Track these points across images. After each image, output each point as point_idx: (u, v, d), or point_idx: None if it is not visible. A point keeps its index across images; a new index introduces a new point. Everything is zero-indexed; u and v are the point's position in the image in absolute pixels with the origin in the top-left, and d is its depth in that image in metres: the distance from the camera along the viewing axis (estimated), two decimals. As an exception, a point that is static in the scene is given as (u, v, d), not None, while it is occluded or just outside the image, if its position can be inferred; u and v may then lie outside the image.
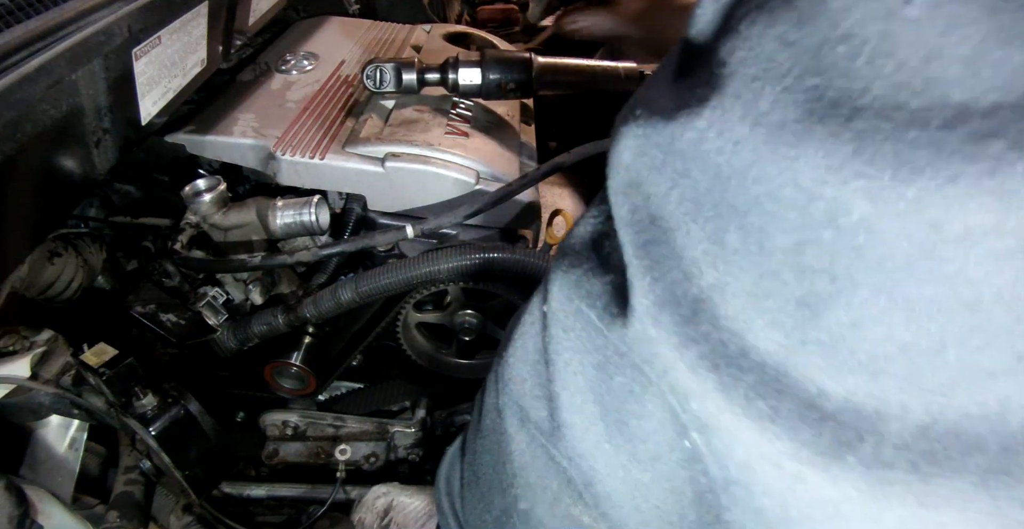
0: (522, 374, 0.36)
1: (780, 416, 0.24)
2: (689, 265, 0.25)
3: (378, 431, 1.06)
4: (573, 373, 0.32)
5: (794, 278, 0.23)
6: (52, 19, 0.62)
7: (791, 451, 0.24)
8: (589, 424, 0.32)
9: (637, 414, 0.30)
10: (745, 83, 0.24)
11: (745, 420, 0.24)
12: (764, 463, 0.25)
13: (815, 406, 0.24)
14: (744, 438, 0.25)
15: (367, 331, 1.09)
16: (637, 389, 0.29)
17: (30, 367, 0.71)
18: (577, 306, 0.31)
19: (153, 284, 0.96)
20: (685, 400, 0.26)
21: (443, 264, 0.91)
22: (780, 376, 0.24)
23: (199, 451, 0.77)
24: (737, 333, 0.25)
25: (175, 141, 1.01)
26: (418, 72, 1.07)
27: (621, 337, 0.29)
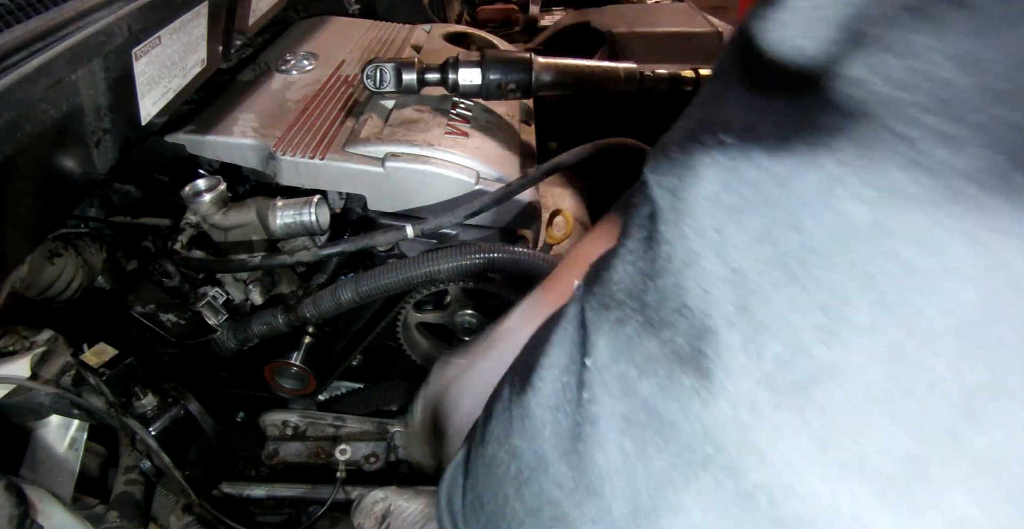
0: (544, 421, 0.32)
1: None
2: (792, 339, 0.20)
3: (378, 431, 1.06)
4: (612, 442, 0.28)
5: (952, 371, 0.18)
6: (52, 19, 0.62)
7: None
8: (618, 499, 0.29)
9: (673, 506, 0.25)
10: (904, 114, 0.18)
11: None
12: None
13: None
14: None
15: (367, 331, 1.09)
16: (679, 477, 0.25)
17: (30, 367, 0.71)
18: (630, 372, 0.27)
19: (153, 284, 0.96)
20: (778, 495, 0.21)
21: (443, 264, 0.91)
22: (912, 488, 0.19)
23: (199, 451, 0.77)
24: (856, 425, 0.20)
25: (175, 141, 1.01)
26: (418, 72, 1.07)
27: (694, 417, 0.24)
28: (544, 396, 0.32)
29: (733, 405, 0.22)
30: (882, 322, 0.18)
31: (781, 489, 0.21)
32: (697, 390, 0.23)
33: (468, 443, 0.45)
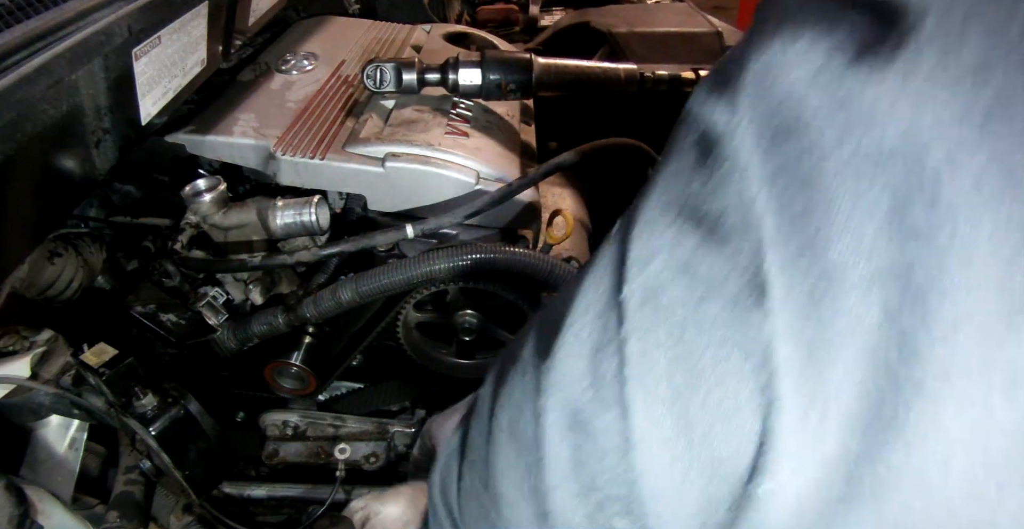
0: (577, 371, 0.30)
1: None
2: (854, 244, 0.21)
3: (378, 431, 1.06)
4: (657, 378, 0.27)
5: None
6: (52, 19, 0.62)
7: None
8: (666, 439, 0.28)
9: (726, 434, 0.25)
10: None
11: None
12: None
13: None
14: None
15: (367, 331, 1.09)
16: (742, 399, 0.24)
17: (30, 367, 0.71)
18: (683, 296, 0.26)
19: (153, 284, 0.96)
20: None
21: (443, 264, 0.91)
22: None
23: (199, 451, 0.77)
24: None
25: (175, 141, 1.01)
26: (418, 72, 1.07)
27: (749, 329, 0.24)
28: (580, 343, 0.30)
29: (786, 315, 0.22)
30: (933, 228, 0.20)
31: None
32: (759, 305, 0.23)
33: (464, 426, 0.44)
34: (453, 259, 0.91)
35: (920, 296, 0.20)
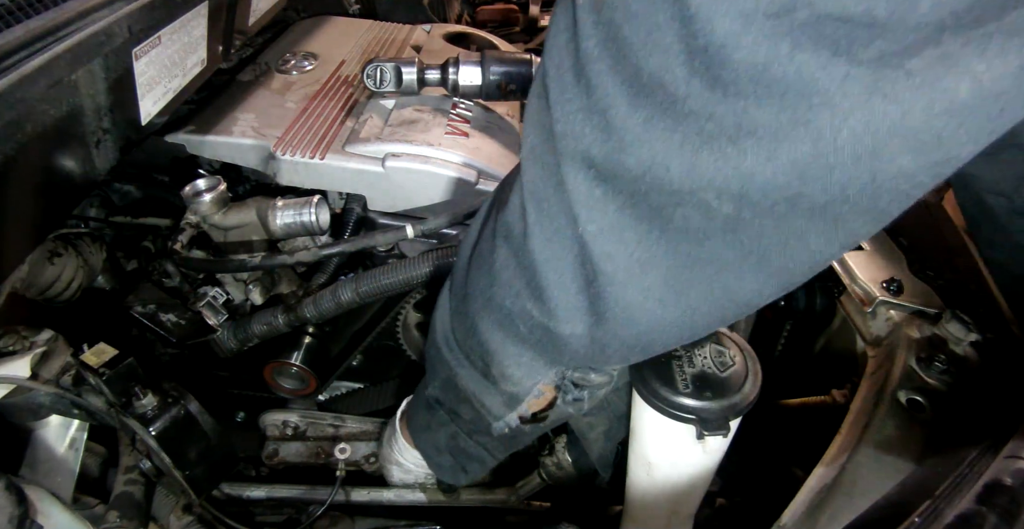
0: (514, 203, 0.51)
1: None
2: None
3: (378, 431, 1.06)
4: (536, 190, 0.47)
5: None
6: (52, 19, 0.62)
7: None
8: (545, 223, 0.47)
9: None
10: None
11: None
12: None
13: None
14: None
15: (367, 331, 1.09)
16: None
17: (30, 367, 0.71)
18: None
19: (153, 284, 0.96)
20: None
21: (443, 264, 0.91)
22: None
23: (199, 451, 0.77)
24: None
25: (175, 141, 1.01)
26: (418, 72, 1.07)
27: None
28: (518, 188, 0.51)
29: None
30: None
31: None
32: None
33: (449, 279, 0.63)
34: (453, 259, 0.91)
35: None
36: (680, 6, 0.34)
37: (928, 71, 0.32)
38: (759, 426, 0.76)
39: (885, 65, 0.32)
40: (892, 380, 0.79)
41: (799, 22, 0.32)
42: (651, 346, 0.52)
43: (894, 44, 0.32)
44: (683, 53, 0.35)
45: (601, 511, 0.98)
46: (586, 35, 0.41)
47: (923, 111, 0.33)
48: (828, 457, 0.73)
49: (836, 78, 0.33)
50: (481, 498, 0.99)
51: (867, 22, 0.31)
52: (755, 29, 0.33)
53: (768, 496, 0.82)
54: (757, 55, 0.33)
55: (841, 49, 0.32)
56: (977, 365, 0.80)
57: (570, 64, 0.43)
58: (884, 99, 0.33)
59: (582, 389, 0.61)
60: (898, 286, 0.90)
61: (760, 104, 0.35)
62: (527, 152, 0.49)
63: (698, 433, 0.63)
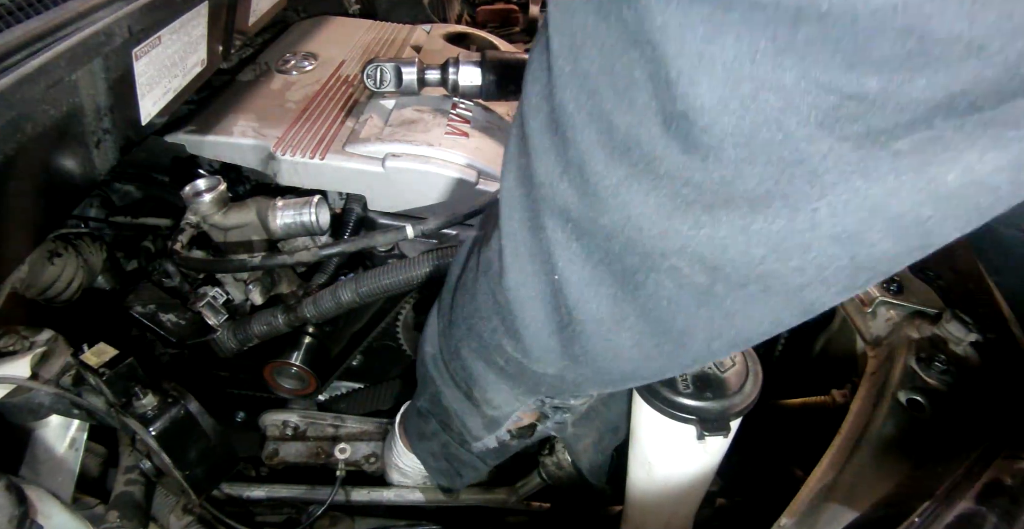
0: (493, 240, 0.51)
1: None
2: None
3: (378, 431, 1.06)
4: (513, 232, 0.47)
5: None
6: (52, 19, 0.62)
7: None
8: (518, 267, 0.47)
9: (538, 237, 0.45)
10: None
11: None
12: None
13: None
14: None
15: (367, 331, 1.09)
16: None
17: (30, 367, 0.71)
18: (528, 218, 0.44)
19: (153, 284, 0.96)
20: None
21: (443, 264, 0.91)
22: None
23: (199, 451, 0.77)
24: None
25: (175, 141, 1.01)
26: (418, 72, 1.07)
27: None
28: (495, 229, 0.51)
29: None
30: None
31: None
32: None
33: (436, 303, 0.66)
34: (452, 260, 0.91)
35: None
36: (658, 66, 0.32)
37: (917, 155, 0.31)
38: (759, 426, 0.76)
39: (872, 143, 0.31)
40: (892, 380, 0.79)
41: (787, 90, 0.30)
42: (627, 384, 0.53)
43: (883, 122, 0.30)
44: (659, 114, 0.34)
45: (601, 511, 0.98)
46: (561, 85, 0.39)
47: (908, 196, 0.32)
48: (828, 457, 0.73)
49: (820, 151, 0.31)
50: (481, 498, 0.99)
51: (856, 96, 0.29)
52: (740, 94, 0.31)
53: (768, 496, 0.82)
54: (743, 121, 0.31)
55: (828, 121, 0.30)
56: (977, 365, 0.80)
57: (546, 112, 0.41)
58: (867, 178, 0.31)
59: (564, 412, 0.61)
60: (898, 286, 0.90)
61: (740, 172, 0.33)
62: (506, 193, 0.48)
63: (698, 433, 0.63)
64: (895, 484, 0.67)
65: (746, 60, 0.30)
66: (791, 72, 0.30)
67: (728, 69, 0.30)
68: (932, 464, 0.67)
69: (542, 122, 0.41)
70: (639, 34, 0.32)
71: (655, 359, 0.46)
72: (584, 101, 0.37)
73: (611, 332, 0.45)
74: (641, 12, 0.32)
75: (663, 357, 0.45)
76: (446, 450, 0.77)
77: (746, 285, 0.37)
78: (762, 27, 0.29)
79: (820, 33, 0.28)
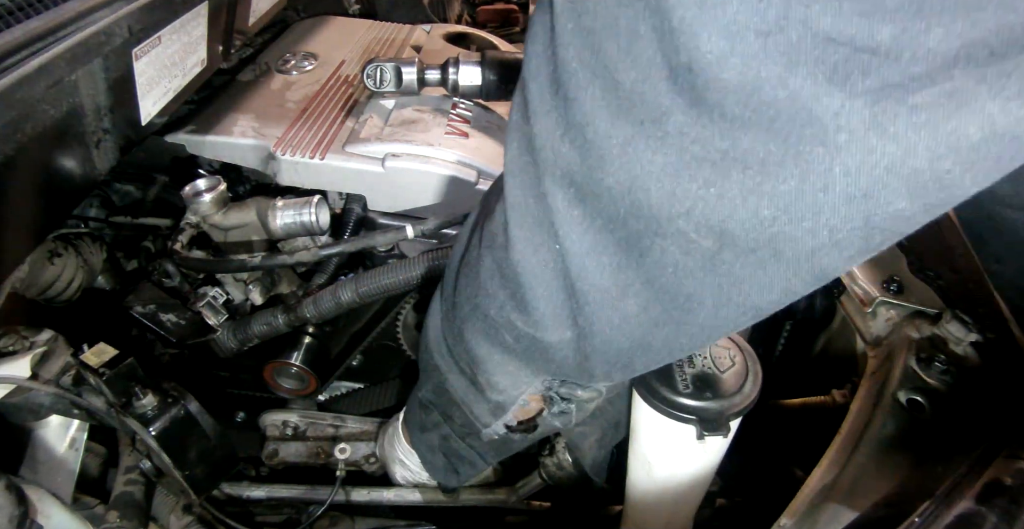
0: (498, 213, 0.51)
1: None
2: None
3: (378, 431, 1.05)
4: (517, 202, 0.46)
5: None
6: (52, 19, 0.62)
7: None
8: (524, 236, 0.46)
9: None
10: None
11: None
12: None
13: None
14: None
15: (367, 331, 1.09)
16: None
17: (30, 367, 0.71)
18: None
19: (153, 284, 0.96)
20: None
21: (443, 264, 0.91)
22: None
23: (199, 451, 0.77)
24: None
25: (175, 141, 1.01)
26: (418, 72, 1.07)
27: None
28: (498, 206, 0.51)
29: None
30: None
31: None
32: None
33: (439, 288, 0.68)
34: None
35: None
36: (662, 17, 0.31)
37: (935, 108, 0.29)
38: (759, 426, 0.76)
39: (886, 98, 0.29)
40: (892, 380, 0.79)
41: (792, 42, 0.29)
42: (632, 365, 0.51)
43: (898, 75, 0.28)
44: (665, 68, 0.32)
45: (601, 511, 0.98)
46: (564, 43, 0.38)
47: (927, 152, 0.30)
48: (828, 457, 0.73)
49: (831, 109, 0.30)
50: (481, 498, 0.99)
51: (869, 47, 0.28)
52: (743, 48, 0.29)
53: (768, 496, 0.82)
54: (746, 76, 0.30)
55: (838, 76, 0.29)
56: (977, 365, 0.80)
57: (547, 73, 0.40)
58: (883, 136, 0.30)
59: (569, 402, 0.60)
60: (898, 286, 0.90)
61: (747, 130, 0.32)
62: (509, 163, 0.47)
63: (698, 433, 0.63)
64: (895, 484, 0.67)
65: (750, 10, 0.28)
66: (797, 23, 0.28)
67: (731, 20, 0.29)
68: (932, 464, 0.67)
69: (543, 84, 0.40)
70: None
71: (662, 328, 0.44)
72: (588, 58, 0.36)
73: (616, 300, 0.43)
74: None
75: (670, 325, 0.44)
76: (445, 443, 0.77)
77: (755, 249, 0.36)
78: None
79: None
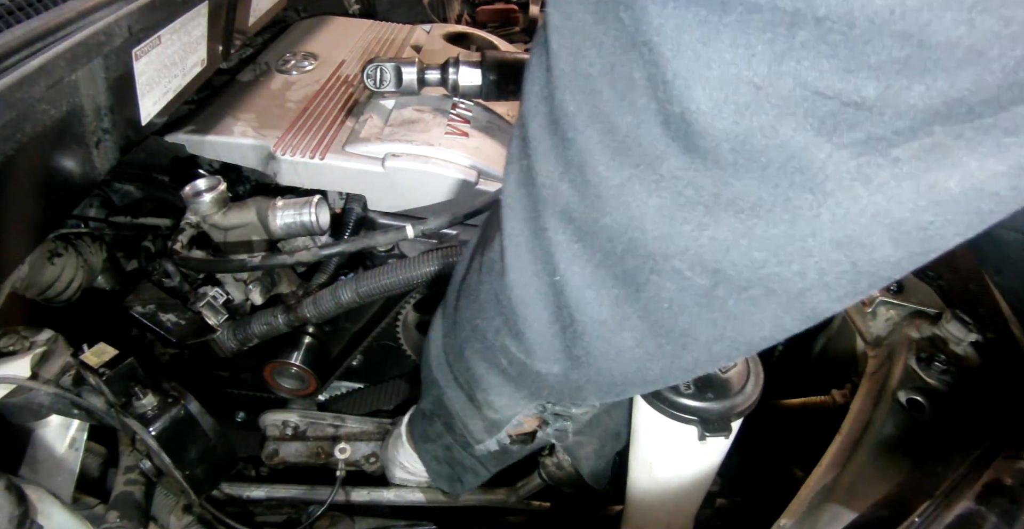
0: (496, 241, 0.51)
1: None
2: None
3: (378, 431, 1.06)
4: (514, 233, 0.47)
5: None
6: (52, 19, 0.62)
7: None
8: (519, 267, 0.47)
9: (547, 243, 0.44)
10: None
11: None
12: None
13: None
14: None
15: (367, 331, 1.09)
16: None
17: (30, 367, 0.71)
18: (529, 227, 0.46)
19: (153, 284, 0.96)
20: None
21: (443, 265, 0.91)
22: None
23: (199, 451, 0.77)
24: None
25: (175, 141, 1.01)
26: (418, 72, 1.07)
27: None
28: (497, 233, 0.51)
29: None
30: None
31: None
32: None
33: (441, 307, 0.66)
34: (453, 259, 0.91)
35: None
36: (656, 67, 0.32)
37: (916, 161, 0.30)
38: (759, 426, 0.76)
39: (871, 150, 0.30)
40: (892, 380, 0.79)
41: (783, 95, 0.30)
42: (626, 392, 0.52)
43: (881, 128, 0.30)
44: (660, 114, 0.33)
45: (601, 511, 0.98)
46: (561, 86, 0.39)
47: (909, 203, 0.31)
48: (828, 457, 0.73)
49: (818, 158, 0.31)
50: (481, 498, 0.99)
51: (854, 102, 0.29)
52: (736, 98, 0.30)
53: (768, 496, 0.82)
54: (738, 126, 0.31)
55: (826, 128, 0.30)
56: (977, 365, 0.80)
57: (545, 113, 0.41)
58: (868, 185, 0.31)
59: (565, 420, 0.61)
60: (898, 286, 0.90)
61: (739, 176, 0.33)
62: (507, 196, 0.48)
63: (700, 434, 0.63)
64: (895, 484, 0.67)
65: (742, 63, 0.30)
66: (787, 77, 0.29)
67: (724, 72, 0.30)
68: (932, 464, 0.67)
69: (541, 123, 0.41)
70: (637, 35, 0.32)
71: (657, 361, 0.46)
72: (584, 101, 0.37)
73: (613, 333, 0.45)
74: (638, 14, 0.31)
75: (665, 359, 0.45)
76: (449, 453, 0.77)
77: (748, 288, 0.37)
78: (759, 30, 0.29)
79: (817, 37, 0.28)
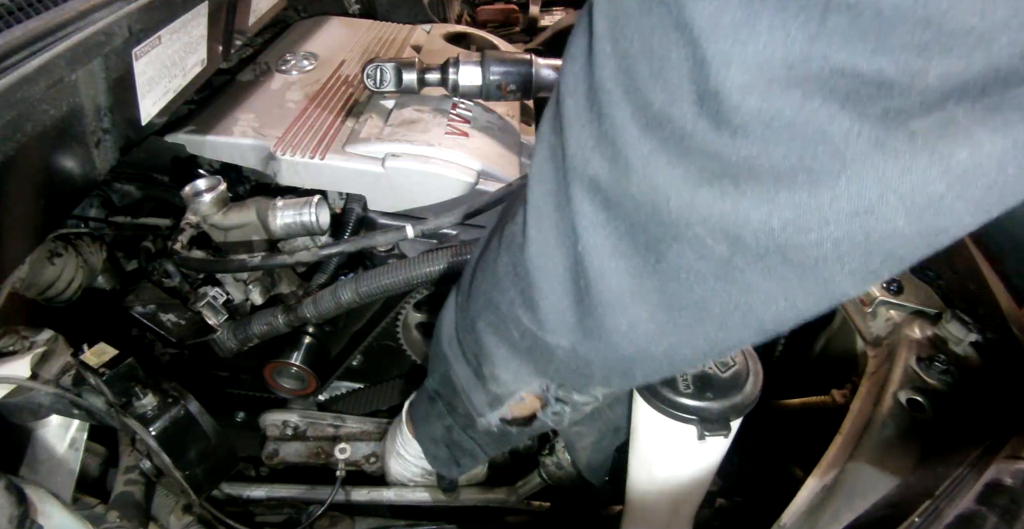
0: (518, 214, 0.53)
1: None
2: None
3: (378, 431, 1.06)
4: (538, 204, 0.49)
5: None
6: (52, 19, 0.62)
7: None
8: (541, 239, 0.49)
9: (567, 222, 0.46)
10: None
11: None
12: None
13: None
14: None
15: (367, 331, 1.09)
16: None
17: (30, 367, 0.71)
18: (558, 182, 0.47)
19: (153, 284, 0.96)
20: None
21: (443, 264, 0.91)
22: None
23: (199, 451, 0.77)
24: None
25: (175, 141, 1.01)
26: (418, 72, 1.07)
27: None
28: (519, 204, 0.53)
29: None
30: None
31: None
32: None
33: (455, 288, 0.67)
34: (453, 259, 0.91)
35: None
36: (694, 48, 0.35)
37: (931, 134, 0.33)
38: (759, 426, 0.76)
39: (890, 122, 0.33)
40: (892, 380, 0.79)
41: (812, 73, 0.33)
42: (632, 373, 0.53)
43: (900, 103, 0.33)
44: (693, 93, 0.36)
45: (601, 511, 0.98)
46: (600, 64, 0.42)
47: (922, 171, 0.34)
48: (828, 457, 0.73)
49: (842, 128, 0.34)
50: (481, 498, 0.99)
51: (876, 80, 0.32)
52: (769, 77, 0.33)
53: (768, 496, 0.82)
54: (769, 103, 0.34)
55: (850, 102, 0.33)
56: (977, 365, 0.80)
57: (584, 90, 0.44)
58: (885, 154, 0.34)
59: (564, 404, 0.62)
60: (898, 286, 0.90)
61: (766, 148, 0.36)
62: (536, 168, 0.51)
63: (699, 433, 0.63)
64: (895, 484, 0.67)
65: (777, 44, 0.33)
66: (817, 57, 0.32)
67: (759, 52, 0.33)
68: (932, 464, 0.67)
69: (579, 99, 0.44)
70: (679, 18, 0.35)
71: (667, 336, 0.47)
72: (622, 79, 0.40)
73: (628, 304, 0.46)
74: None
75: (676, 333, 0.47)
76: (448, 434, 0.78)
77: (764, 256, 0.39)
78: (794, 15, 0.32)
79: (848, 22, 0.31)
